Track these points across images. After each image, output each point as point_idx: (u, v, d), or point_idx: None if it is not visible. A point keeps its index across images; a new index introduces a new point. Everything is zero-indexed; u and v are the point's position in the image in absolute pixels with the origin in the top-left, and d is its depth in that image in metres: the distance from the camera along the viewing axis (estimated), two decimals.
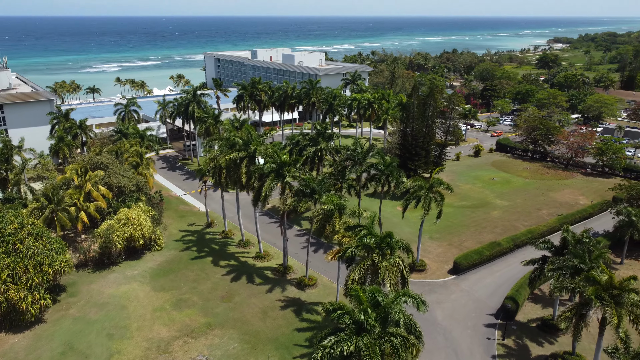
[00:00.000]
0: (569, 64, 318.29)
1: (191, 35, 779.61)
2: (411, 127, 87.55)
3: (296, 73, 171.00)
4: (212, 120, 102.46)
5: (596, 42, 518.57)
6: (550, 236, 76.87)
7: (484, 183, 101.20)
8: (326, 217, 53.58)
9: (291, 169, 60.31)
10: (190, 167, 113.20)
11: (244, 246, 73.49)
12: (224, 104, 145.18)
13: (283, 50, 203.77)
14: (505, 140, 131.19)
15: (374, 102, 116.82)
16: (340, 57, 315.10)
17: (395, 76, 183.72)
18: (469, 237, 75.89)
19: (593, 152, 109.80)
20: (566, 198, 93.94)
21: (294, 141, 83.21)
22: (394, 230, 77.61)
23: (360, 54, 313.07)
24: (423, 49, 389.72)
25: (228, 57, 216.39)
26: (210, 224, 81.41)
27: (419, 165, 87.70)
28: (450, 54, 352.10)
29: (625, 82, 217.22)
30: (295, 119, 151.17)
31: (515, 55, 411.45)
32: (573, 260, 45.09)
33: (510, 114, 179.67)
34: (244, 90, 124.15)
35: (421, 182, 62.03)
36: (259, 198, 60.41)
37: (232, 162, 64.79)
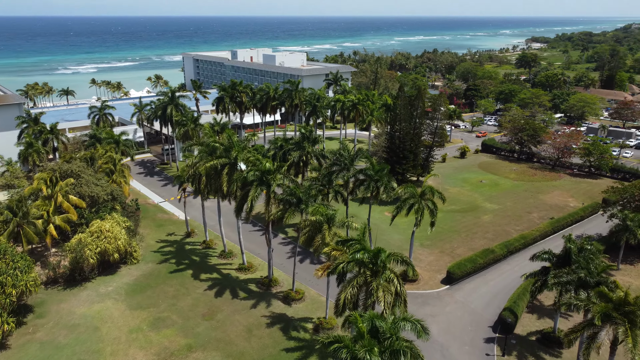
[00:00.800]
0: (548, 63, 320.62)
1: (169, 35, 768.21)
2: (398, 130, 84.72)
3: (277, 74, 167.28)
4: (191, 123, 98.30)
5: (573, 41, 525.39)
6: (543, 241, 75.10)
7: (472, 186, 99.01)
8: (315, 228, 50.25)
9: (276, 176, 56.87)
10: (169, 172, 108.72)
11: (227, 257, 69.69)
12: (204, 106, 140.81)
13: (264, 51, 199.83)
14: (490, 141, 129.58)
15: (358, 103, 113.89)
16: (321, 57, 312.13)
17: (378, 76, 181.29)
18: (460, 244, 73.34)
19: (580, 152, 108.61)
20: (556, 200, 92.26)
21: (277, 145, 79.65)
22: (383, 237, 75.03)
23: (342, 54, 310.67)
24: (404, 49, 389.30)
25: (207, 57, 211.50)
26: (190, 233, 77.37)
27: (407, 168, 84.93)
28: (431, 54, 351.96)
29: (604, 81, 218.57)
30: (277, 120, 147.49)
31: (494, 54, 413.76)
32: (579, 272, 42.58)
33: (494, 114, 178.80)
34: (224, 92, 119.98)
35: (412, 189, 59.09)
36: (242, 209, 56.81)
37: (213, 170, 61.04)
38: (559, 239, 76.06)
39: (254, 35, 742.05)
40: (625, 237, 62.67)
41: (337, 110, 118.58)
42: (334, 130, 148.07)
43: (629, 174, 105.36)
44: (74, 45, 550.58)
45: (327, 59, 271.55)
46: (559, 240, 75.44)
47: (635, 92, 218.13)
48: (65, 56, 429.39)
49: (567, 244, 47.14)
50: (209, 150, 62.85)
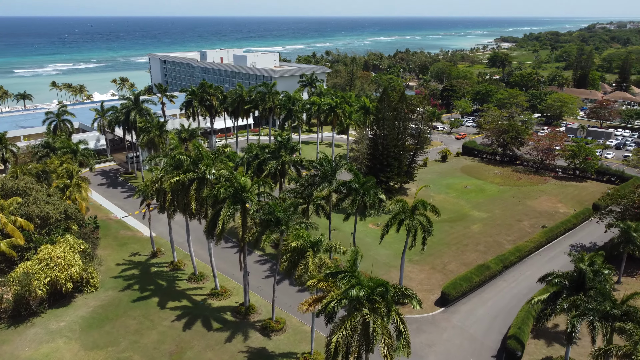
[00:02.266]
0: (519, 63, 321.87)
1: (136, 35, 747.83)
2: (381, 136, 79.14)
3: (250, 75, 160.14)
4: (157, 130, 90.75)
5: (540, 41, 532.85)
6: (538, 252, 70.72)
7: (457, 192, 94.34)
8: (297, 255, 44.02)
9: (252, 192, 50.41)
10: (133, 182, 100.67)
11: (197, 280, 62.74)
12: (172, 110, 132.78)
13: (234, 51, 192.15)
14: (471, 143, 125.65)
15: (336, 106, 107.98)
16: (293, 57, 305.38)
17: (354, 77, 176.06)
18: (451, 258, 68.20)
19: (565, 155, 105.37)
20: (544, 206, 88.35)
21: (252, 154, 72.97)
22: (368, 252, 69.22)
23: (314, 55, 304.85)
24: (376, 49, 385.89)
25: (175, 58, 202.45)
26: (156, 253, 70.03)
27: (391, 176, 79.44)
28: (404, 54, 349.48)
29: (578, 81, 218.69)
30: (250, 124, 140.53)
31: (466, 54, 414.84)
32: (602, 303, 37.58)
33: (471, 114, 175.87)
34: (193, 96, 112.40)
35: (403, 203, 53.46)
36: (214, 231, 50.06)
37: (179, 185, 54.11)
38: (554, 249, 72.10)
39: (223, 36, 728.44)
40: (629, 249, 58.46)
41: (313, 114, 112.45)
42: (310, 134, 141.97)
43: (614, 176, 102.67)
44: (31, 46, 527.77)
45: (300, 59, 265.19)
46: (553, 251, 71.44)
47: (607, 90, 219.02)
48: (22, 58, 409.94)
49: (579, 265, 42.11)
50: (175, 164, 55.89)
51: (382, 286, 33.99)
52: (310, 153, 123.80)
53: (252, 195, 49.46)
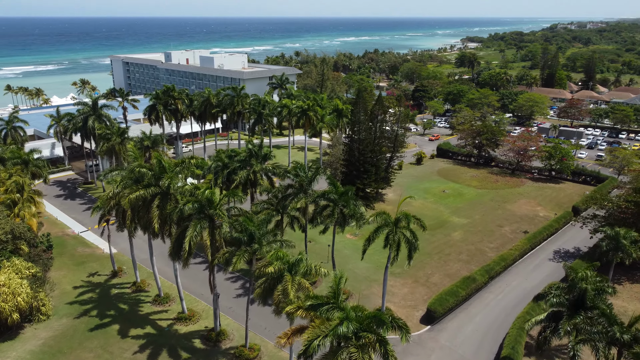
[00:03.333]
0: (486, 62, 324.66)
1: (98, 36, 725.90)
2: (357, 141, 75.33)
3: (217, 77, 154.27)
4: (117, 137, 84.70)
5: (505, 41, 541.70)
6: (522, 260, 68.16)
7: (435, 197, 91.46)
8: (273, 279, 39.60)
9: (222, 206, 45.77)
10: (93, 193, 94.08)
11: (162, 303, 57.51)
12: (135, 114, 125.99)
13: (201, 52, 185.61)
14: (446, 145, 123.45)
15: (308, 109, 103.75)
16: (261, 58, 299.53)
17: (325, 78, 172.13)
18: (434, 269, 64.91)
19: (541, 156, 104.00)
20: (524, 210, 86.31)
21: (220, 163, 68.08)
22: (347, 265, 65.26)
23: (283, 55, 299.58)
24: (344, 50, 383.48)
25: (139, 60, 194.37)
26: (117, 272, 64.34)
27: (369, 183, 75.73)
28: (374, 54, 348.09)
29: (545, 80, 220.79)
30: (218, 128, 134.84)
31: (434, 54, 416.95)
32: (611, 328, 34.53)
33: (443, 115, 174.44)
34: (157, 100, 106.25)
35: (386, 216, 49.63)
36: (180, 252, 45.11)
37: (140, 201, 48.92)
38: (538, 256, 69.86)
39: (187, 37, 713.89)
40: (618, 256, 56.23)
41: (284, 117, 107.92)
42: (281, 138, 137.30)
43: (590, 177, 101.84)
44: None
45: (269, 60, 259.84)
46: (537, 258, 69.13)
47: (574, 90, 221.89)
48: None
49: (580, 285, 38.98)
50: (134, 177, 50.63)
51: (374, 320, 29.92)
52: (282, 157, 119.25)
53: (221, 212, 44.77)
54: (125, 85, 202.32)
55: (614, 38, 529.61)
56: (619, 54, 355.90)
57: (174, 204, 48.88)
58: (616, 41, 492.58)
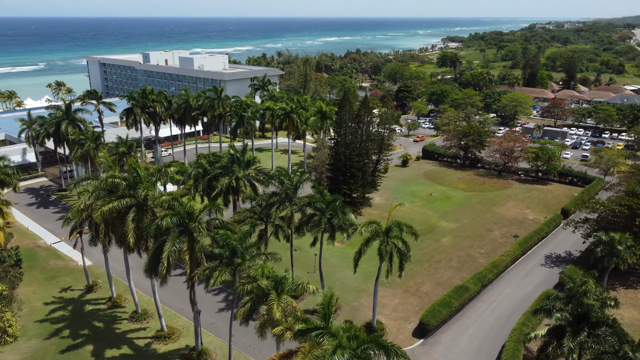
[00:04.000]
0: (467, 62, 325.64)
1: (76, 36, 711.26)
2: (344, 145, 72.80)
3: (197, 78, 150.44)
4: (92, 142, 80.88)
5: (486, 40, 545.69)
6: (514, 265, 66.40)
7: (423, 201, 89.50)
8: (257, 297, 36.84)
9: (202, 219, 42.84)
10: (68, 201, 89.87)
11: (140, 320, 54.23)
12: (113, 117, 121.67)
13: (180, 53, 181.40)
14: (431, 146, 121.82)
15: (291, 111, 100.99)
16: (243, 59, 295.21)
17: (308, 79, 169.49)
18: (425, 277, 62.74)
19: (528, 157, 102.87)
20: (512, 213, 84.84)
21: (200, 170, 64.93)
22: (334, 275, 62.76)
23: (265, 56, 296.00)
24: (326, 50, 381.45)
25: (116, 61, 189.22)
26: (92, 286, 60.78)
27: (356, 188, 73.31)
28: (356, 54, 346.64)
29: (527, 80, 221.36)
30: (199, 131, 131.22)
31: (415, 54, 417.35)
32: (622, 348, 32.55)
33: (427, 115, 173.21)
34: (134, 102, 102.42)
35: (376, 225, 47.24)
36: (157, 268, 42.05)
37: (115, 213, 45.64)
38: (529, 261, 68.23)
39: (167, 37, 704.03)
40: (614, 262, 54.70)
41: (267, 120, 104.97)
42: (264, 140, 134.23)
43: (577, 178, 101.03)
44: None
45: (250, 60, 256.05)
46: (529, 263, 67.51)
47: (555, 89, 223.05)
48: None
49: (584, 300, 36.88)
50: (108, 188, 47.33)
51: (370, 344, 27.38)
52: (265, 161, 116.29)
53: (201, 226, 41.79)
54: (102, 87, 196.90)
55: (591, 38, 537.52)
56: (596, 53, 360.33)
57: (151, 216, 45.83)
58: (593, 41, 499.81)
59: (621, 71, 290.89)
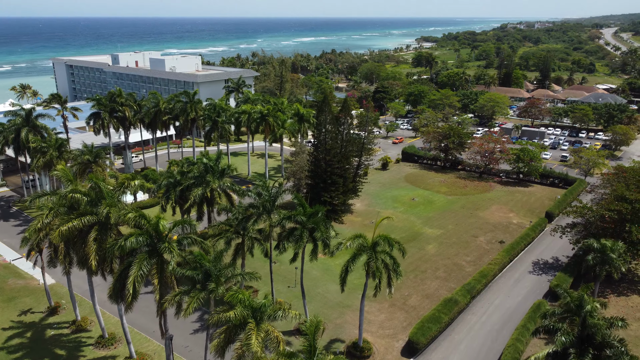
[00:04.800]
0: (442, 62, 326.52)
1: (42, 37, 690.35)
2: (324, 151, 69.53)
3: (169, 81, 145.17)
4: (54, 150, 75.73)
5: (459, 40, 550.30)
6: (502, 273, 64.18)
7: (405, 206, 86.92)
8: (234, 327, 33.26)
9: (171, 237, 39.02)
10: (30, 212, 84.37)
11: (107, 345, 49.90)
12: (81, 121, 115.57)
13: (151, 54, 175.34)
14: (411, 148, 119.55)
15: (267, 115, 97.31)
16: (217, 59, 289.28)
17: (284, 80, 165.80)
18: (411, 289, 59.93)
19: (509, 159, 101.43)
20: (496, 217, 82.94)
21: (172, 179, 60.83)
22: (316, 289, 59.52)
23: (239, 56, 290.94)
24: (301, 50, 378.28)
25: (83, 62, 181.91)
26: (55, 308, 56.10)
27: (337, 196, 70.13)
28: (331, 55, 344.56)
29: (502, 79, 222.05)
30: (171, 135, 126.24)
31: (391, 54, 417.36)
32: None
33: (405, 116, 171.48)
34: (101, 107, 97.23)
35: (362, 239, 44.12)
36: (122, 294, 38.05)
37: (76, 232, 41.39)
38: (517, 268, 66.16)
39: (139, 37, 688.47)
40: (605, 270, 52.82)
41: (243, 124, 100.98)
42: (239, 144, 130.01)
43: (558, 179, 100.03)
44: None
45: (224, 61, 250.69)
46: (517, 271, 65.43)
47: (530, 88, 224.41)
48: None
49: (587, 319, 34.35)
50: (68, 204, 43.02)
51: None
52: (241, 165, 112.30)
53: (172, 247, 37.96)
54: (69, 90, 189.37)
55: (561, 37, 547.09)
56: (567, 52, 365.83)
57: (116, 235, 41.78)
58: (563, 40, 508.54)
59: (592, 70, 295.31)
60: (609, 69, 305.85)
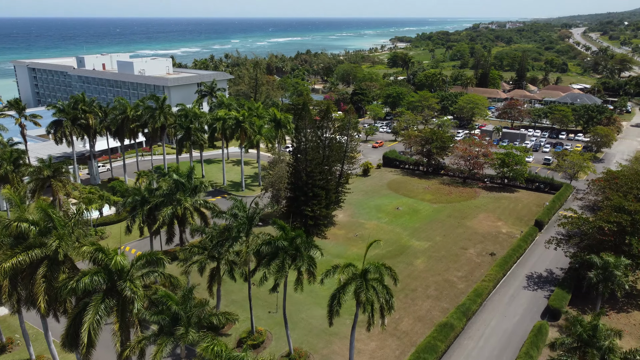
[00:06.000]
0: (417, 62, 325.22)
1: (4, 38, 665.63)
2: (304, 161, 64.70)
3: (138, 85, 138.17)
4: (9, 164, 69.19)
5: (433, 40, 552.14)
6: (495, 289, 60.53)
7: (389, 216, 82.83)
8: None
9: (134, 274, 33.79)
10: None
11: None
12: (40, 129, 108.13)
13: (119, 56, 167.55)
14: (392, 153, 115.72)
15: (243, 121, 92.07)
16: (189, 61, 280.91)
17: (259, 83, 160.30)
18: (402, 312, 55.66)
19: (495, 163, 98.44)
20: (485, 226, 79.51)
21: (138, 197, 55.21)
22: (300, 314, 54.72)
23: (212, 58, 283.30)
24: (276, 50, 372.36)
25: (47, 65, 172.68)
26: (5, 346, 50.00)
27: (319, 209, 65.37)
28: (307, 55, 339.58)
29: (479, 80, 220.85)
30: (141, 142, 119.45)
31: (366, 54, 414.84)
32: None
33: (384, 119, 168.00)
34: (62, 114, 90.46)
35: (352, 269, 39.58)
36: (76, 341, 32.61)
37: (25, 267, 35.72)
38: (510, 284, 62.60)
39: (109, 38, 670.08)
40: (609, 288, 49.51)
41: (218, 131, 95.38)
42: (214, 150, 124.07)
43: (544, 184, 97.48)
44: None
45: (197, 63, 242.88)
46: (510, 287, 61.93)
47: (506, 89, 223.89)
48: None
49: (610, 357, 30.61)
50: (14, 235, 37.25)
51: None
52: (216, 174, 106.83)
53: (134, 286, 32.71)
54: (32, 94, 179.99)
55: (533, 37, 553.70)
56: (539, 52, 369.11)
57: (70, 271, 36.27)
58: (535, 40, 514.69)
59: (565, 70, 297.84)
60: (581, 69, 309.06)
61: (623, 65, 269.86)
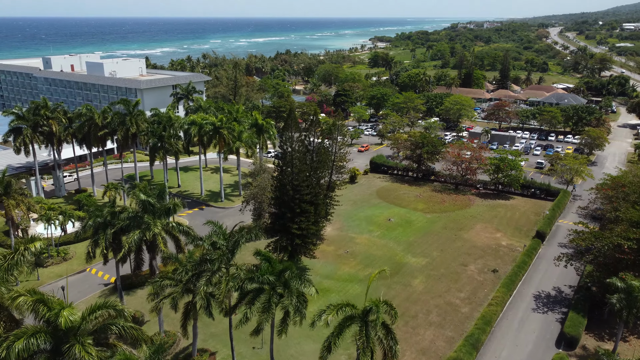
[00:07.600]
0: (398, 62, 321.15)
1: None
2: (290, 174, 58.31)
3: (108, 87, 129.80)
4: None
5: (413, 40, 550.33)
6: (503, 313, 55.10)
7: (381, 229, 77.03)
8: None
9: (84, 330, 27.07)
10: None
11: None
12: None
13: (88, 57, 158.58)
14: (379, 158, 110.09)
15: (221, 127, 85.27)
16: (165, 62, 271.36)
17: (238, 84, 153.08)
18: (403, 343, 49.61)
19: (489, 169, 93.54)
20: (483, 239, 74.23)
21: (101, 219, 48.11)
22: (289, 348, 48.28)
23: (189, 58, 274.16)
24: (255, 51, 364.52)
25: (10, 67, 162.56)
26: None
27: (308, 227, 59.09)
28: (286, 55, 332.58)
29: (463, 80, 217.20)
30: (112, 149, 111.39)
31: (346, 54, 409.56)
32: None
33: (369, 121, 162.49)
34: (22, 121, 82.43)
35: (351, 308, 33.48)
36: None
37: None
38: (517, 305, 57.38)
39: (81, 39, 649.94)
40: (634, 314, 44.42)
41: (193, 137, 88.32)
42: (190, 157, 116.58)
43: (540, 190, 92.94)
44: None
45: (173, 64, 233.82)
46: (518, 309, 56.67)
47: (490, 89, 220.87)
48: None
49: None
50: None
51: None
52: (192, 183, 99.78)
53: (86, 347, 25.99)
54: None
55: (511, 37, 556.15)
56: (519, 52, 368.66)
57: (6, 323, 29.31)
58: (513, 40, 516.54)
59: (546, 69, 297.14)
60: (562, 68, 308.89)
61: (603, 64, 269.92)
